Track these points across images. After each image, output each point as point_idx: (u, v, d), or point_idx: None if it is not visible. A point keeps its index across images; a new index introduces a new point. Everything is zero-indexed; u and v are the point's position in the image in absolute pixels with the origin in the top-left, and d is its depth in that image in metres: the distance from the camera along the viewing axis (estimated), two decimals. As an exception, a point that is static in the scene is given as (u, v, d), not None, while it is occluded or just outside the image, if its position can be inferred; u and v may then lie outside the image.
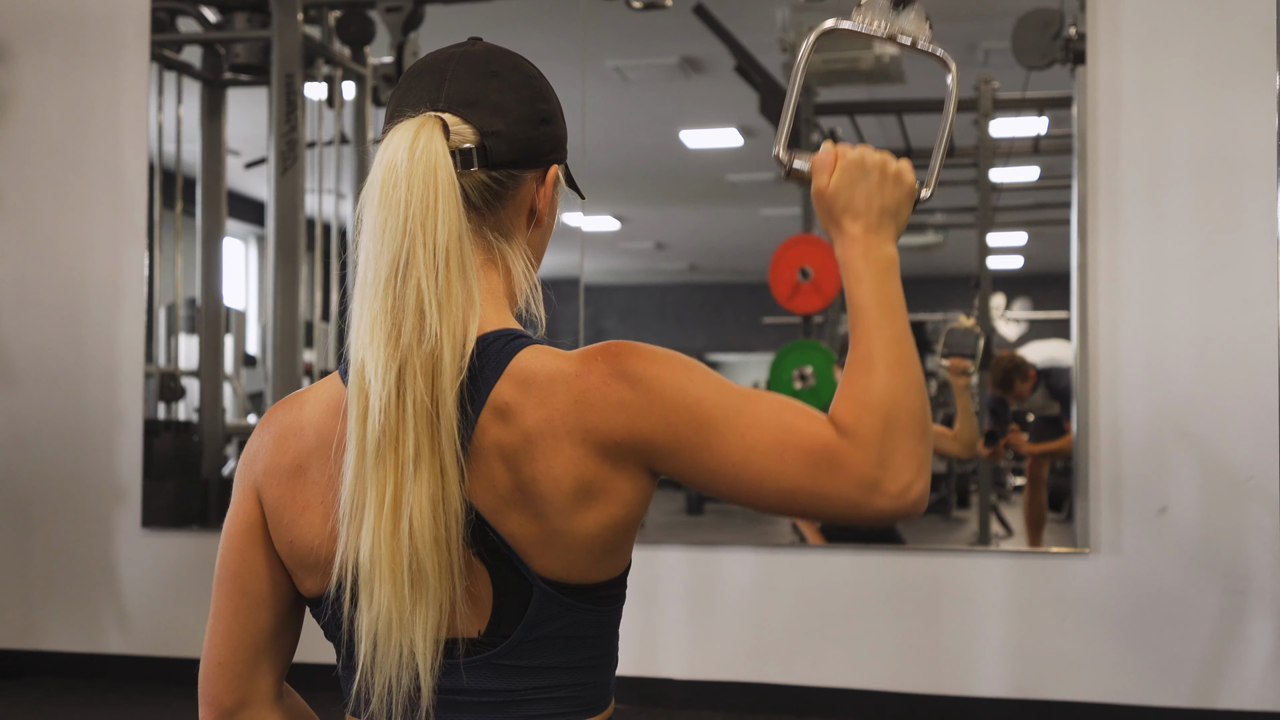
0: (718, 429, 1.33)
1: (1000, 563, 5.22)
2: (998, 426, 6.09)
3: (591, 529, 1.37)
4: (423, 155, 1.37)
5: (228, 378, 6.56)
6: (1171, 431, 4.97)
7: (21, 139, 5.88)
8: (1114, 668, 4.98)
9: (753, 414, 1.34)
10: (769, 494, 1.34)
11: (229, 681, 1.51)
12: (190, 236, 6.36)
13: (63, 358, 5.81)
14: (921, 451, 1.35)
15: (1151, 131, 5.03)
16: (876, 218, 1.45)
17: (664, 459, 1.35)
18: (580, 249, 6.06)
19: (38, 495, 5.82)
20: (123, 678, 5.66)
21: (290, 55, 5.99)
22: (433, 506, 1.32)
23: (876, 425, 1.33)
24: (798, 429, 1.33)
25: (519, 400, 1.36)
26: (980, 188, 6.16)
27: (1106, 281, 5.04)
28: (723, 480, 1.35)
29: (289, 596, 1.51)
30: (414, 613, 1.33)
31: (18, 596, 5.82)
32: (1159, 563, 4.96)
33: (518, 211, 1.50)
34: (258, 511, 1.49)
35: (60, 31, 5.88)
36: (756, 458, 1.33)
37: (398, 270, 1.35)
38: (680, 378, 1.35)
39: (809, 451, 1.32)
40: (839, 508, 1.33)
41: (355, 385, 1.35)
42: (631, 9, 5.85)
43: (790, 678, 5.25)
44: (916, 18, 1.50)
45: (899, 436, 1.34)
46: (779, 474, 1.33)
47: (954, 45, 5.71)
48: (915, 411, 1.36)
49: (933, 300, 7.57)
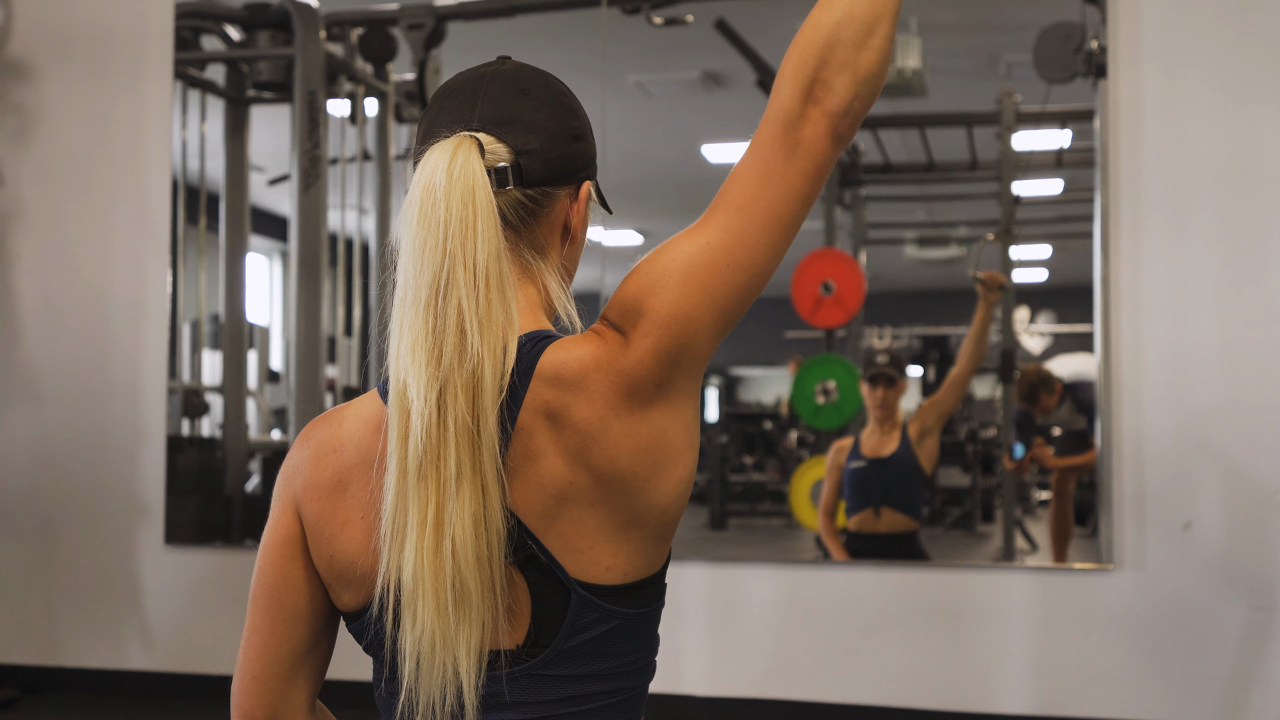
0: (730, 210, 1.41)
1: (1023, 579, 5.19)
2: (1023, 440, 6.07)
3: (676, 486, 1.41)
4: (461, 175, 1.38)
5: (251, 393, 6.57)
6: (1195, 446, 4.94)
7: (47, 156, 5.92)
8: (1138, 685, 4.95)
9: (737, 179, 1.42)
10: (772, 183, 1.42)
11: (262, 695, 1.51)
12: (214, 253, 6.38)
13: (87, 374, 5.84)
14: (854, 58, 1.44)
15: (1173, 144, 5.01)
16: None
17: (706, 311, 1.40)
18: (601, 264, 6.06)
19: (62, 511, 5.84)
20: (145, 694, 5.67)
21: (313, 72, 6.01)
22: (475, 525, 1.33)
23: (817, 41, 1.42)
24: (760, 136, 1.43)
25: (562, 399, 1.38)
26: (1003, 201, 6.14)
27: (1129, 294, 5.01)
28: (758, 240, 1.42)
29: (325, 612, 1.52)
30: (457, 631, 1.33)
31: (42, 612, 5.84)
32: (1184, 579, 4.93)
33: (552, 229, 1.51)
34: (297, 526, 1.49)
35: (84, 50, 5.92)
36: (750, 181, 1.41)
37: (438, 290, 1.36)
38: (678, 249, 1.41)
39: (772, 115, 1.42)
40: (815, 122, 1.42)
41: (396, 405, 1.36)
42: (652, 25, 5.85)
43: (812, 695, 5.23)
44: None
45: (826, 54, 1.43)
46: (764, 161, 1.42)
47: (977, 58, 5.69)
48: (861, 30, 1.44)
49: (956, 314, 7.54)
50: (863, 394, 5.79)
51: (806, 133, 1.40)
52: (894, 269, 7.52)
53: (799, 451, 6.72)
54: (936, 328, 7.24)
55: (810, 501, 5.98)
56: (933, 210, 7.57)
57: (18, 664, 5.82)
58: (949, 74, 6.62)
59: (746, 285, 1.41)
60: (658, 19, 5.86)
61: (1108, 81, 5.08)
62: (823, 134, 1.41)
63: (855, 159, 6.78)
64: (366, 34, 6.26)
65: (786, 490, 6.47)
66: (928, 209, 7.54)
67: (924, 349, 7.19)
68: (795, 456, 6.64)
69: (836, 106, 1.41)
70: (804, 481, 6.30)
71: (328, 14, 6.15)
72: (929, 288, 7.71)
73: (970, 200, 7.16)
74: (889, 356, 5.74)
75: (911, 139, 6.87)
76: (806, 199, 1.42)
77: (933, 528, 6.47)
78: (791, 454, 7.85)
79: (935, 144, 6.75)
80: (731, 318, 1.41)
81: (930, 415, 5.61)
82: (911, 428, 5.62)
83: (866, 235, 6.88)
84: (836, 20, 1.42)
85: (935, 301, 7.78)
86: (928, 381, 7.16)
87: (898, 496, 5.58)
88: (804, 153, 1.40)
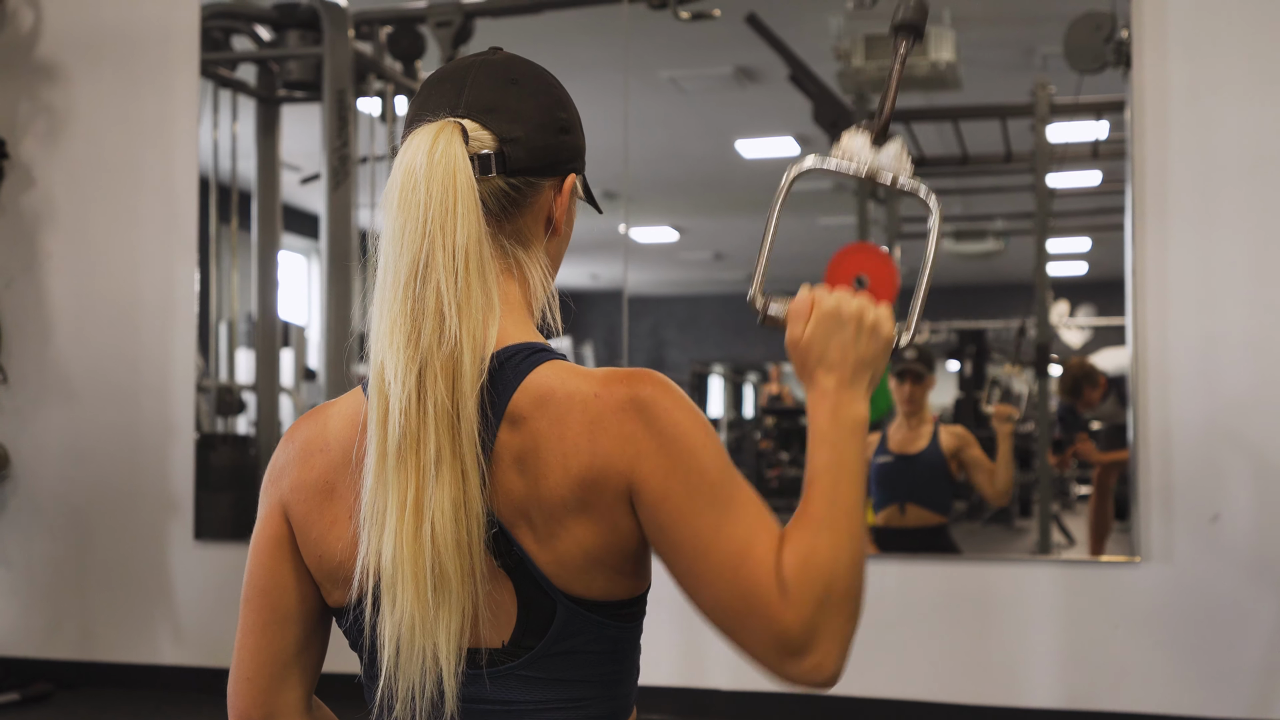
0: (702, 509, 1.33)
1: (1050, 572, 5.15)
2: (1066, 435, 6.02)
3: (585, 544, 1.36)
4: (442, 159, 1.37)
5: (286, 391, 6.62)
6: (1224, 437, 4.87)
7: (77, 157, 5.99)
8: (1167, 678, 4.89)
9: (736, 513, 1.33)
10: (705, 598, 1.34)
11: (256, 696, 1.52)
12: (249, 252, 6.43)
13: (117, 372, 5.90)
14: (848, 631, 1.33)
15: (1201, 132, 4.95)
16: (851, 371, 1.42)
17: (643, 506, 1.35)
18: (624, 261, 6.05)
19: (94, 508, 5.91)
20: (176, 688, 5.72)
21: (341, 71, 6.04)
22: (454, 510, 1.32)
23: (815, 593, 1.31)
24: (756, 558, 1.32)
25: (533, 412, 1.36)
26: (1038, 193, 6.09)
27: (1156, 285, 4.96)
28: (677, 557, 1.34)
29: (316, 611, 1.52)
30: (437, 617, 1.32)
31: (75, 608, 5.91)
32: (1212, 571, 4.87)
33: (535, 220, 1.49)
34: (284, 527, 1.50)
35: (114, 52, 5.98)
36: (714, 559, 1.32)
37: (417, 273, 1.35)
38: (696, 437, 1.35)
39: (752, 591, 1.31)
40: (753, 651, 1.33)
41: (375, 388, 1.36)
42: (679, 20, 5.84)
43: (837, 688, 5.16)
44: (897, 154, 1.51)
45: (831, 611, 1.32)
46: (720, 590, 1.32)
47: (1011, 50, 5.65)
48: (853, 589, 1.34)
49: (993, 308, 7.48)
50: (890, 389, 5.75)
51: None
52: (931, 263, 7.46)
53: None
54: (974, 321, 7.18)
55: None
56: (968, 203, 7.51)
57: (52, 659, 5.89)
58: (983, 66, 6.57)
59: (637, 547, 1.38)
60: (684, 13, 5.85)
61: (1133, 70, 5.03)
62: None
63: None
64: (395, 32, 6.28)
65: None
66: (963, 202, 7.48)
67: (960, 343, 7.13)
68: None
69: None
70: (837, 477, 6.25)
71: (357, 13, 6.19)
72: (966, 282, 7.65)
73: (1006, 193, 7.10)
74: (917, 351, 5.70)
75: (946, 131, 6.82)
76: None
77: (970, 522, 6.42)
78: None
79: (969, 137, 6.70)
80: (642, 517, 1.36)
81: (965, 456, 5.58)
82: (946, 440, 5.58)
83: (901, 229, 6.84)
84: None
85: (972, 295, 7.71)
86: (964, 375, 7.10)
87: (924, 493, 5.55)
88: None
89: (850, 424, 1.40)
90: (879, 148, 1.51)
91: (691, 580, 1.34)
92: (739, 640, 1.33)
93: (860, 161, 1.51)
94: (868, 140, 1.51)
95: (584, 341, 8.08)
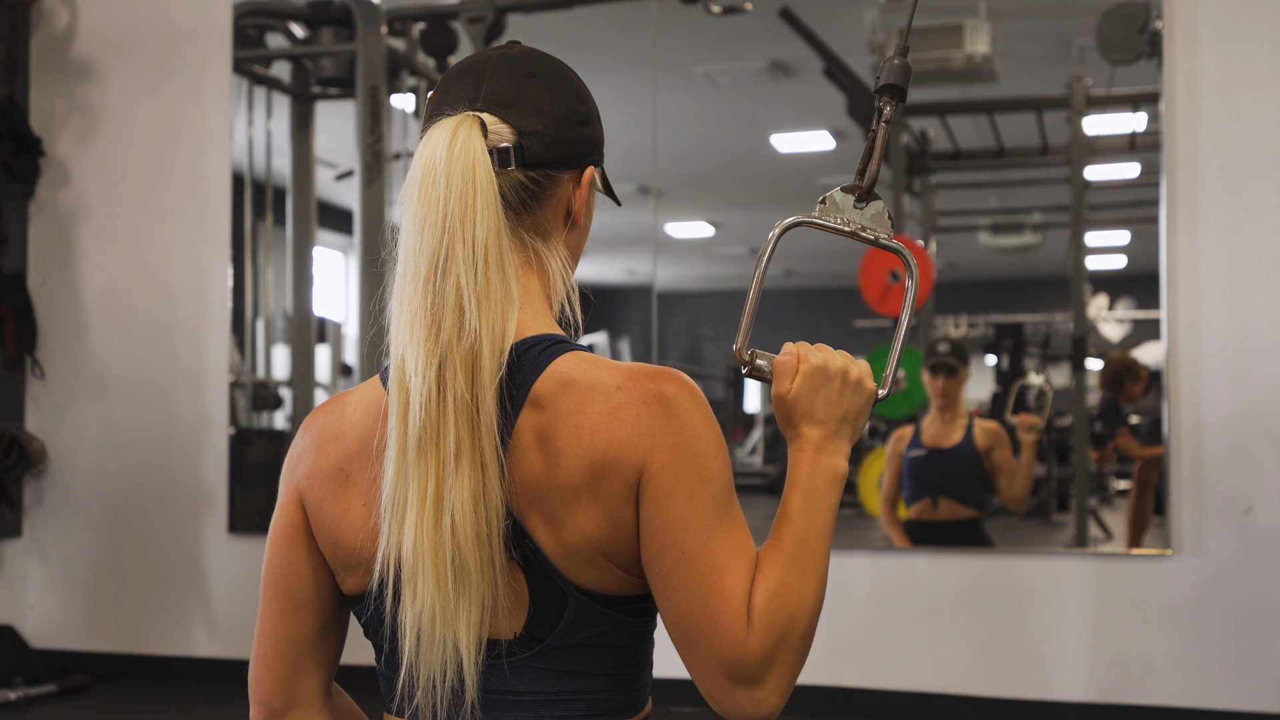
0: (699, 515, 1.34)
1: (1081, 565, 5.12)
2: (1107, 430, 5.97)
3: (590, 535, 1.36)
4: (461, 153, 1.38)
5: (322, 386, 6.66)
6: (1256, 430, 4.83)
7: (111, 154, 6.04)
8: (1198, 671, 4.85)
9: (726, 531, 1.35)
10: (673, 604, 1.35)
11: (275, 683, 1.53)
12: (286, 248, 6.47)
13: (152, 367, 5.95)
14: (795, 673, 1.37)
15: (1231, 123, 4.91)
16: (835, 425, 1.46)
17: (648, 498, 1.36)
18: (654, 255, 6.05)
19: (129, 502, 5.96)
20: (211, 680, 5.77)
21: (374, 68, 6.07)
22: (474, 502, 1.33)
23: (779, 627, 1.34)
24: (733, 582, 1.34)
25: (555, 397, 1.37)
26: (1074, 186, 6.05)
27: (1187, 277, 4.92)
28: (663, 556, 1.35)
29: (333, 599, 1.53)
30: (457, 607, 1.33)
31: (112, 601, 5.96)
32: (1244, 564, 4.83)
33: (554, 212, 1.50)
34: (300, 515, 1.50)
35: (147, 51, 6.03)
36: (696, 568, 1.34)
37: (437, 266, 1.36)
38: (710, 446, 1.37)
39: (724, 606, 1.33)
40: (703, 670, 1.35)
41: (396, 381, 1.37)
42: (711, 14, 5.84)
43: (867, 681, 5.19)
44: (878, 214, 1.55)
45: (788, 648, 1.35)
46: (693, 599, 1.34)
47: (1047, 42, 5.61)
48: (810, 631, 1.37)
49: (1031, 301, 7.43)
50: (924, 383, 5.74)
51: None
52: (969, 257, 7.43)
53: (869, 440, 6.66)
54: (1012, 315, 7.14)
55: (879, 490, 5.94)
56: (1005, 196, 7.47)
57: (89, 651, 5.95)
58: (1020, 58, 6.54)
59: (629, 546, 1.39)
60: (715, 7, 5.85)
61: (1163, 61, 4.99)
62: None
63: (925, 146, 6.71)
64: (428, 28, 6.30)
65: (855, 479, 6.42)
66: (1000, 195, 7.44)
67: (998, 337, 7.09)
68: (865, 445, 6.59)
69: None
70: (872, 470, 6.26)
71: (389, 9, 6.22)
72: (1004, 275, 7.61)
73: (1043, 186, 7.05)
74: (950, 345, 5.68)
75: (981, 124, 6.79)
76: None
77: (1009, 516, 6.39)
78: (861, 443, 7.79)
79: (1005, 129, 6.66)
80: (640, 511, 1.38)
81: (994, 456, 5.56)
82: (980, 436, 5.56)
83: (937, 223, 6.81)
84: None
85: (1011, 289, 7.67)
86: (1001, 370, 7.06)
87: (957, 487, 5.53)
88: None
89: (829, 475, 1.44)
90: (862, 207, 1.56)
91: (667, 583, 1.35)
92: (691, 656, 1.35)
93: (845, 218, 1.55)
94: (851, 200, 1.56)
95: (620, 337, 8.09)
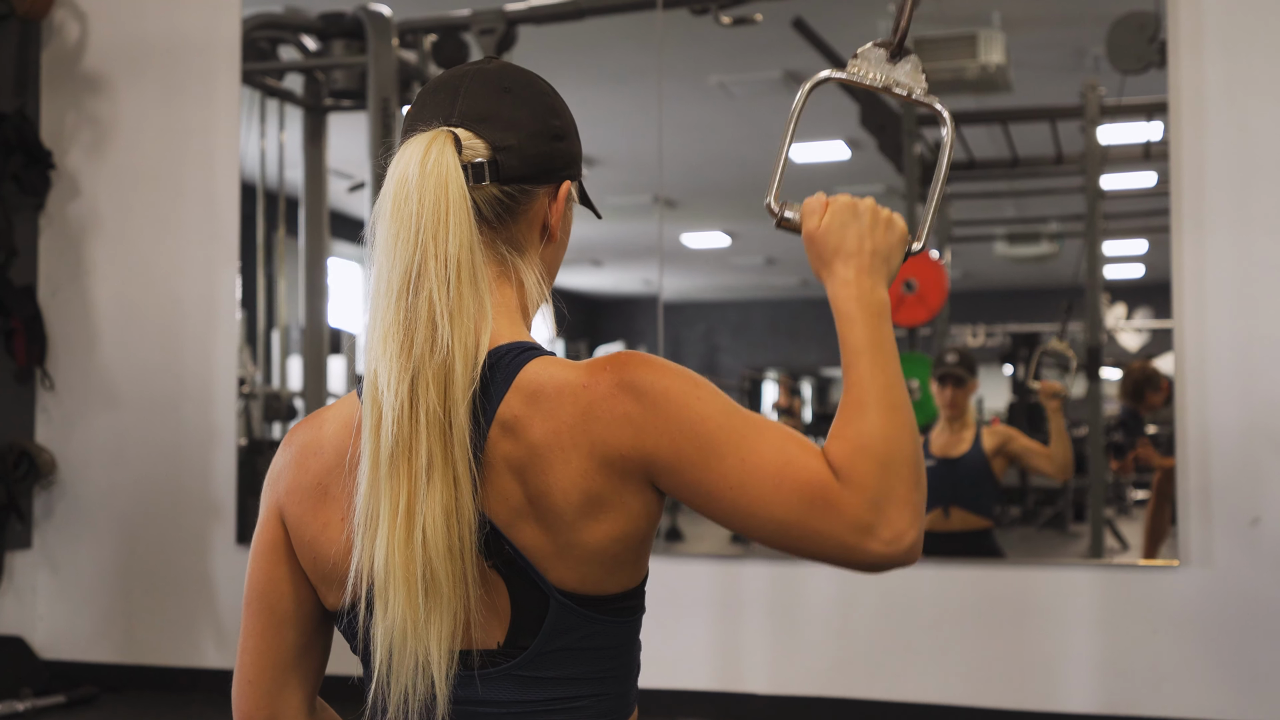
0: (720, 450, 1.33)
1: (1089, 576, 5.08)
2: (1127, 440, 5.93)
3: (601, 541, 1.37)
4: (434, 168, 1.39)
5: (335, 397, 6.66)
6: (1264, 440, 4.79)
7: (121, 166, 6.07)
8: (1206, 682, 4.81)
9: (755, 440, 1.33)
10: (762, 523, 1.33)
11: (258, 698, 1.54)
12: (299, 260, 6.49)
13: (161, 378, 5.98)
14: (916, 499, 1.33)
15: (1237, 131, 4.88)
16: (869, 259, 1.45)
17: (665, 476, 1.35)
18: (659, 266, 6.03)
19: (138, 512, 5.98)
20: (219, 691, 5.76)
21: (386, 80, 6.09)
22: (446, 516, 1.33)
23: (872, 469, 1.31)
24: (798, 462, 1.32)
25: (526, 414, 1.36)
26: (1088, 195, 6.02)
27: (1194, 287, 4.89)
28: (719, 504, 1.34)
29: (315, 614, 1.53)
30: (428, 621, 1.33)
31: (120, 612, 5.99)
32: (1252, 575, 4.79)
33: (530, 226, 1.51)
34: (281, 531, 1.52)
35: (157, 63, 6.06)
36: (754, 484, 1.32)
37: (409, 282, 1.36)
38: (688, 394, 1.35)
39: (806, 485, 1.31)
40: (830, 548, 1.31)
41: (369, 396, 1.37)
42: (721, 25, 5.83)
43: (874, 693, 5.17)
44: (912, 70, 1.52)
45: (893, 482, 1.32)
46: (774, 504, 1.31)
47: (1061, 52, 5.58)
48: (909, 458, 1.34)
49: (1049, 312, 7.38)
50: (932, 393, 5.71)
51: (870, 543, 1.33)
52: (985, 267, 7.39)
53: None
54: (1029, 325, 7.10)
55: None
56: (1021, 206, 7.43)
57: (97, 661, 5.97)
58: (1034, 68, 6.50)
59: (656, 504, 1.40)
60: (725, 19, 5.84)
61: (1169, 69, 4.97)
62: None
63: (939, 156, 6.67)
64: (439, 40, 6.31)
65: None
66: (1016, 205, 7.40)
67: (1014, 346, 7.06)
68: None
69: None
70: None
71: (401, 22, 6.23)
72: (1021, 285, 7.57)
73: (1058, 196, 7.02)
74: (958, 356, 5.65)
75: (996, 134, 6.76)
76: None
77: (1025, 527, 6.36)
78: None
79: (1019, 139, 6.63)
80: (668, 487, 1.37)
81: (1012, 448, 5.53)
82: (988, 440, 5.53)
83: (952, 233, 6.78)
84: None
85: (1027, 299, 7.62)
86: (1018, 379, 7.03)
87: (968, 497, 5.50)
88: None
89: (876, 307, 1.43)
90: (895, 63, 1.52)
91: (743, 518, 1.34)
92: (814, 546, 1.32)
93: (877, 74, 1.52)
94: (884, 55, 1.52)
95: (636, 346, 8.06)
